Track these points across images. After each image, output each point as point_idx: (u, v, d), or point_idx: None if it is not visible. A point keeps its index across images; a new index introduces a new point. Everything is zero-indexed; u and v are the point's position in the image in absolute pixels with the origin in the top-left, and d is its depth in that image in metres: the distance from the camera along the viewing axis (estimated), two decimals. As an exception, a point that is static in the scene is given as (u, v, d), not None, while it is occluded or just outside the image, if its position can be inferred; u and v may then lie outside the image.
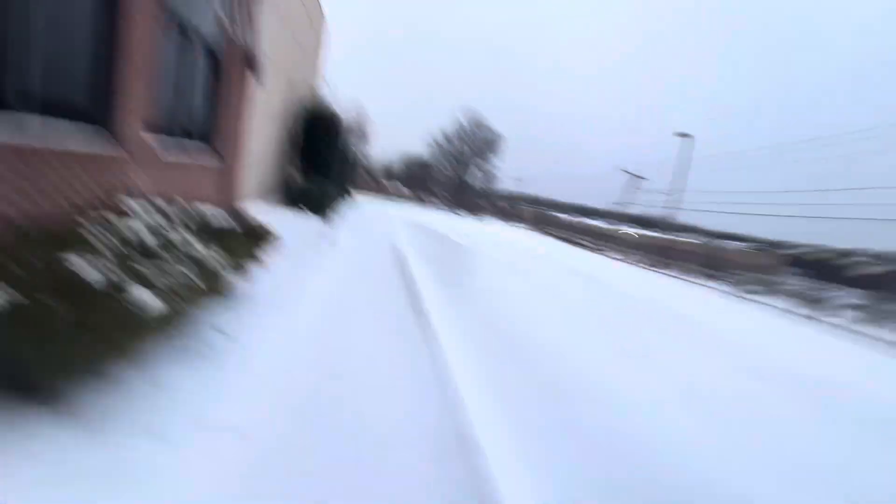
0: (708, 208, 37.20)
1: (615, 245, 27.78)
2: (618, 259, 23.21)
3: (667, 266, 21.69)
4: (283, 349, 3.28)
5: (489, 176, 55.76)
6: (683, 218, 32.57)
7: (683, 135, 23.98)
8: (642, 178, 38.27)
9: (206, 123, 7.10)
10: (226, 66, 7.10)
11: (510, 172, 63.57)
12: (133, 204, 2.93)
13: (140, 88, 3.96)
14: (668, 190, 44.22)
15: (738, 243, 42.04)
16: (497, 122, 79.00)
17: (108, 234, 2.29)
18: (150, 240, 2.58)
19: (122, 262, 2.18)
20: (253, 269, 3.71)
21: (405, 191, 52.03)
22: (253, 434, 2.22)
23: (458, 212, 44.36)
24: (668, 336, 7.07)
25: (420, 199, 50.73)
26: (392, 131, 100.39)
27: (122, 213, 2.68)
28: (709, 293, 15.28)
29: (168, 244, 2.68)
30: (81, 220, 2.40)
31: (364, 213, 17.73)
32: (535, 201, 71.11)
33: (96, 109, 3.48)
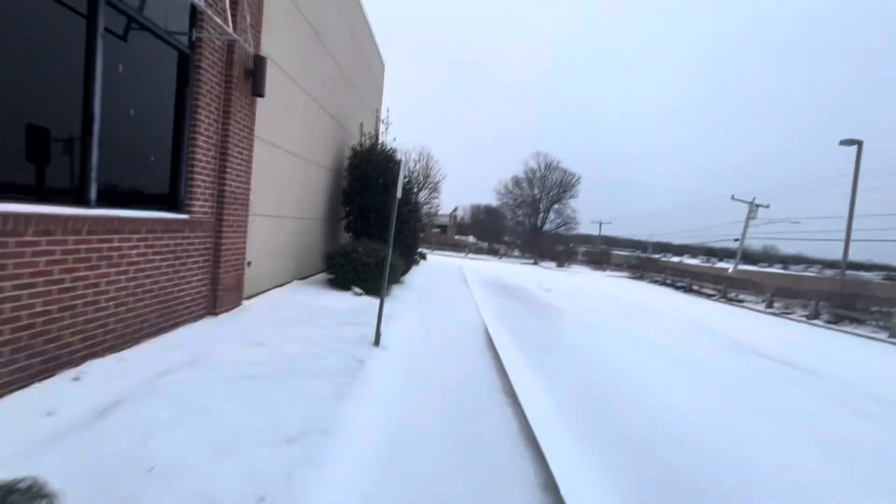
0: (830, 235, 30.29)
1: (741, 289, 21.77)
2: (787, 315, 17.57)
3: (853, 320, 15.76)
4: None
5: (568, 220, 51.43)
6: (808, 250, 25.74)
7: (850, 142, 18.12)
8: (761, 206, 32.05)
9: (160, 161, 4.28)
10: (200, 69, 4.41)
11: (591, 215, 58.74)
12: None
13: None
14: (791, 218, 36.96)
15: (866, 273, 32.85)
16: (573, 165, 74.94)
17: None
18: None
19: None
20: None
21: (478, 244, 49.18)
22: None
23: (539, 262, 40.19)
24: None
25: (495, 252, 47.46)
26: (463, 184, 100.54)
27: None
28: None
29: None
30: None
31: (434, 277, 14.61)
32: (617, 243, 64.72)
33: None
